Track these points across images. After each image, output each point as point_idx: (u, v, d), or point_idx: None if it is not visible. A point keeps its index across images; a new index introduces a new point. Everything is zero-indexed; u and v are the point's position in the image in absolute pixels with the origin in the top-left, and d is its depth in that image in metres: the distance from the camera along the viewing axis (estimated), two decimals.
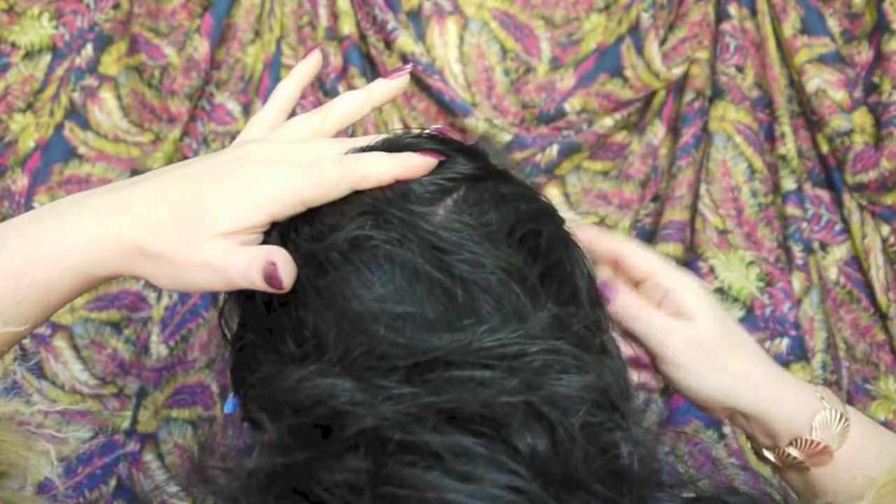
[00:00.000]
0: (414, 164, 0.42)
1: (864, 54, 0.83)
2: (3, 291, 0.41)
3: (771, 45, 0.85)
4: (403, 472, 0.32)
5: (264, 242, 0.41)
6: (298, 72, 0.52)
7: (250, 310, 0.43)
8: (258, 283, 0.39)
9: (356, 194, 0.41)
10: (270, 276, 0.39)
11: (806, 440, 0.49)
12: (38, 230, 0.42)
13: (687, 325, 0.49)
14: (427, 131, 0.46)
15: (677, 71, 0.84)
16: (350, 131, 0.50)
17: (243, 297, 0.44)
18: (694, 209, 0.82)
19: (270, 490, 0.33)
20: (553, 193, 0.85)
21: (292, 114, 0.51)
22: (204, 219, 0.40)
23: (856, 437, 0.49)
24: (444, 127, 0.44)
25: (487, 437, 0.33)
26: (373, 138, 0.45)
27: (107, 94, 0.83)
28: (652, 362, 0.50)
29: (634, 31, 0.85)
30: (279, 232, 0.41)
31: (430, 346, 0.36)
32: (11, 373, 0.41)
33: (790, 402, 0.49)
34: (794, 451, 0.50)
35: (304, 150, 0.44)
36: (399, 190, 0.41)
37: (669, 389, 0.76)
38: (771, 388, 0.50)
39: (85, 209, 0.42)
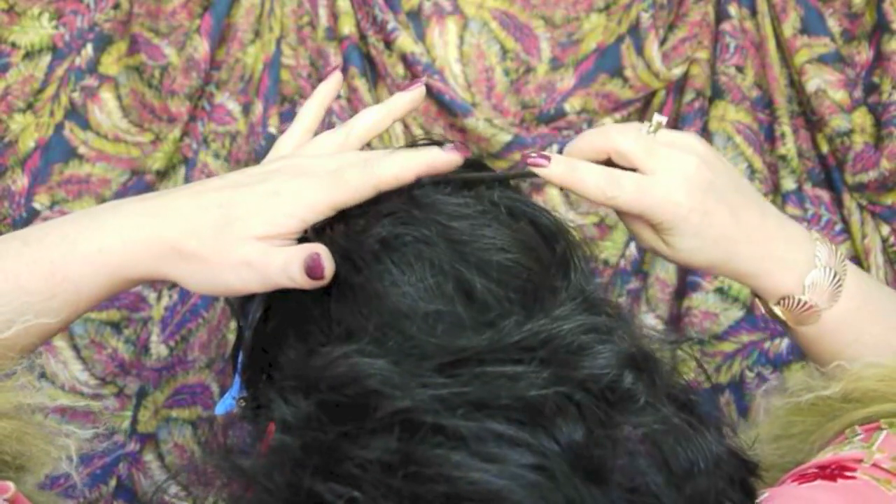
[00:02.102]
0: (433, 159, 0.43)
1: (864, 54, 0.83)
2: (37, 287, 0.42)
3: (771, 45, 0.85)
4: (431, 454, 0.32)
5: (299, 242, 0.42)
6: (321, 92, 0.53)
7: (278, 303, 0.44)
8: (298, 279, 0.40)
9: (385, 195, 0.43)
10: (313, 268, 0.40)
11: (793, 299, 0.48)
12: (75, 230, 0.43)
13: (665, 242, 0.48)
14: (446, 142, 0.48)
15: (677, 71, 0.84)
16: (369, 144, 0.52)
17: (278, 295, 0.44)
18: None
19: (305, 465, 0.33)
20: (553, 194, 0.85)
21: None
22: (238, 223, 0.41)
23: (846, 299, 0.48)
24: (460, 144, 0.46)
25: (518, 422, 0.33)
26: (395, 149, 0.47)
27: (107, 94, 0.83)
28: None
29: (634, 31, 0.85)
30: (315, 230, 0.43)
31: (459, 346, 0.36)
32: (39, 367, 0.42)
33: (777, 274, 0.48)
34: (779, 311, 0.49)
35: (331, 161, 0.45)
36: (415, 195, 0.43)
37: None
38: (755, 274, 0.48)
39: (120, 213, 0.44)
